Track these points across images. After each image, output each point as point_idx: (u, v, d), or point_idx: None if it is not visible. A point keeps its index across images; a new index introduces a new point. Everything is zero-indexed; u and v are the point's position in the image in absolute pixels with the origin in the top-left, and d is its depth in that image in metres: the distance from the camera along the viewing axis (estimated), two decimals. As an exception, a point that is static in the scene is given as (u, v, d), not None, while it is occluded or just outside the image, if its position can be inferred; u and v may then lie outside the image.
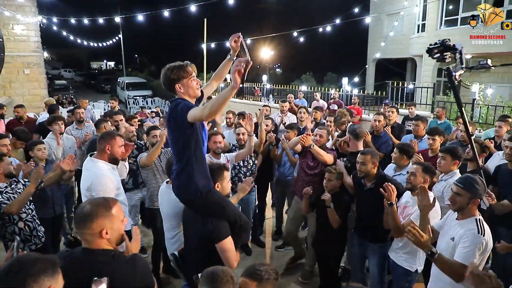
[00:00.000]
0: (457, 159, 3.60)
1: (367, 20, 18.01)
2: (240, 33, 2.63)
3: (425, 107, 9.85)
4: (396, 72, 23.60)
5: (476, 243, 2.36)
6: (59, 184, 4.27)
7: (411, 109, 7.58)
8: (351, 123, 5.78)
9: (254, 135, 4.32)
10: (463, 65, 2.83)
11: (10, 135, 5.39)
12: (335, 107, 9.24)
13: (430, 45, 2.90)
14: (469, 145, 4.08)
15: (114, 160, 3.19)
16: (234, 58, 2.73)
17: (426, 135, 4.70)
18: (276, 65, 47.42)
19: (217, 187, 2.80)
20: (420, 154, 4.24)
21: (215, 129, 5.09)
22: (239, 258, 2.72)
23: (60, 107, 9.00)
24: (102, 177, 3.00)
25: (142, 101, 22.36)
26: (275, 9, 35.35)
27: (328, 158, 4.15)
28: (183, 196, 2.59)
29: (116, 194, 3.07)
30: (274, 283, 2.06)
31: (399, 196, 3.30)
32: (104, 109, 15.18)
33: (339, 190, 3.85)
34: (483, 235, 2.37)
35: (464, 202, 2.47)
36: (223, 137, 4.45)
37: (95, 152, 3.18)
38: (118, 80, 27.82)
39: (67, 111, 7.55)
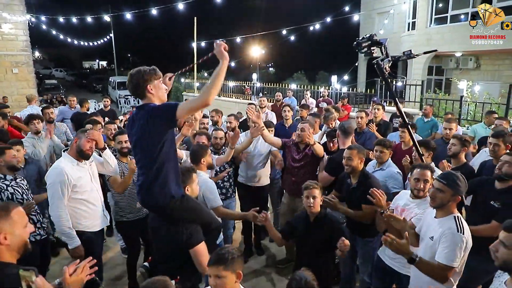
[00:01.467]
0: (431, 150, 3.71)
1: (357, 18, 18.04)
2: (174, 74, 2.77)
3: (414, 105, 9.87)
4: (387, 70, 23.65)
5: (457, 242, 2.32)
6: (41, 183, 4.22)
7: (399, 106, 7.59)
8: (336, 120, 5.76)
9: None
10: (389, 58, 3.01)
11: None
12: (324, 105, 9.23)
13: (357, 39, 3.02)
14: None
15: (81, 153, 3.32)
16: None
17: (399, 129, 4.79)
18: (269, 65, 47.45)
19: (187, 190, 2.80)
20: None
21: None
22: None
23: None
24: (54, 170, 3.22)
25: (134, 100, 22.14)
26: (265, 8, 35.31)
27: (276, 141, 4.40)
28: (158, 203, 2.49)
29: (74, 192, 3.24)
30: (240, 261, 2.08)
31: None
32: (95, 109, 15.03)
33: (322, 211, 3.23)
34: (463, 233, 2.33)
35: (445, 198, 2.42)
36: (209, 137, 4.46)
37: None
38: (110, 79, 27.61)
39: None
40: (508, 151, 3.59)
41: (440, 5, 15.44)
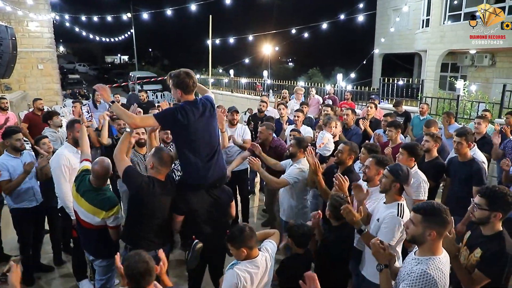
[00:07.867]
0: (413, 156, 3.77)
1: (373, 15, 18.10)
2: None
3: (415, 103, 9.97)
4: (403, 67, 23.59)
5: (395, 224, 2.72)
6: None
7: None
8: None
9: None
10: None
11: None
12: (330, 102, 9.52)
13: None
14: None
15: (76, 143, 3.99)
16: None
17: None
18: (289, 59, 47.83)
19: None
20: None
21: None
22: None
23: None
24: (56, 156, 3.92)
25: (152, 95, 22.89)
26: (281, 4, 35.46)
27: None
28: (224, 172, 3.40)
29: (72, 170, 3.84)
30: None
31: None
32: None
33: None
34: (402, 217, 2.73)
35: (387, 183, 2.84)
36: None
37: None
38: (130, 74, 28.49)
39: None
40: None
41: (455, 2, 15.39)
